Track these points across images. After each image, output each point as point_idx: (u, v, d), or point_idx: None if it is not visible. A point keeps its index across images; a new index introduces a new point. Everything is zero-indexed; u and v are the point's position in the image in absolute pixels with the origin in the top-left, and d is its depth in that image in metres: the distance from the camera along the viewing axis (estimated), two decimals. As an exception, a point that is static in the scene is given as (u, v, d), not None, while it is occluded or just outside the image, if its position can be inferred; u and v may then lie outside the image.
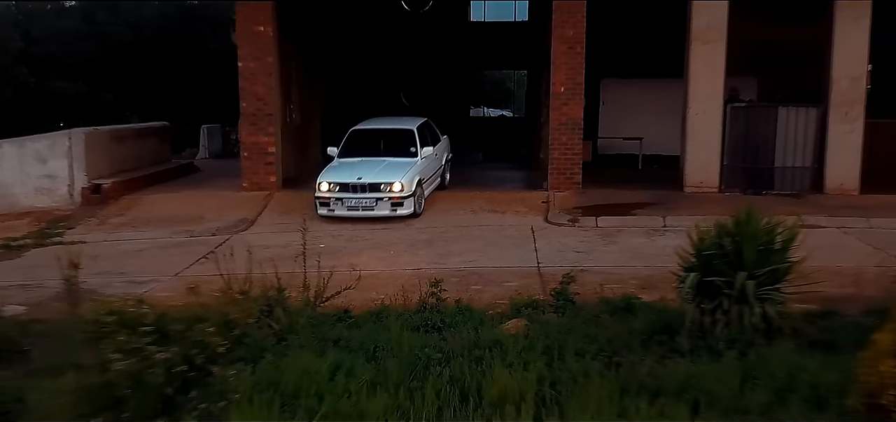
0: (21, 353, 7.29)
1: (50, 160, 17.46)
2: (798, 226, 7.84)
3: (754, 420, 5.29)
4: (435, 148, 16.75)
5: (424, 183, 15.66)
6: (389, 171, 15.17)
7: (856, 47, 16.23)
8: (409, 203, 14.85)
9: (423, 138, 16.52)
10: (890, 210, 15.31)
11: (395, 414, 5.35)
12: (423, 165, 15.88)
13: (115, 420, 4.43)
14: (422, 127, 16.98)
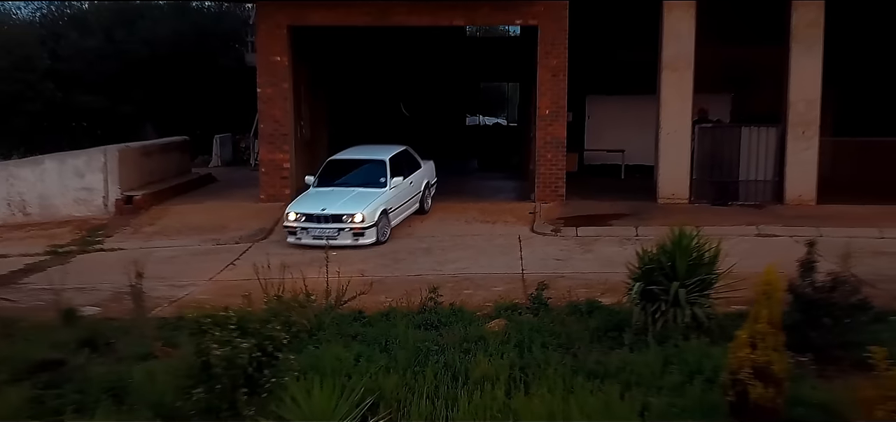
0: (107, 345, 9.18)
1: (87, 175, 19.40)
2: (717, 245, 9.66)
3: (662, 395, 7.20)
4: (410, 177, 17.51)
5: (393, 211, 16.44)
6: (354, 202, 15.92)
7: (810, 74, 18.17)
8: (371, 233, 15.62)
9: (397, 168, 17.14)
10: (841, 220, 17.23)
11: (404, 389, 7.26)
12: (392, 195, 16.54)
13: (210, 392, 6.32)
14: (396, 157, 17.59)
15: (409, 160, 18.13)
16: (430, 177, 18.85)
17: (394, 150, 18.00)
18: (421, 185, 18.11)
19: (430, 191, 18.65)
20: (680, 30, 18.12)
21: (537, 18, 18.28)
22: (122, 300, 12.24)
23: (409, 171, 17.68)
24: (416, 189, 17.86)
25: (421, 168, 18.43)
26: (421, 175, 18.27)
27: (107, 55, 29.03)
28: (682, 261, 9.22)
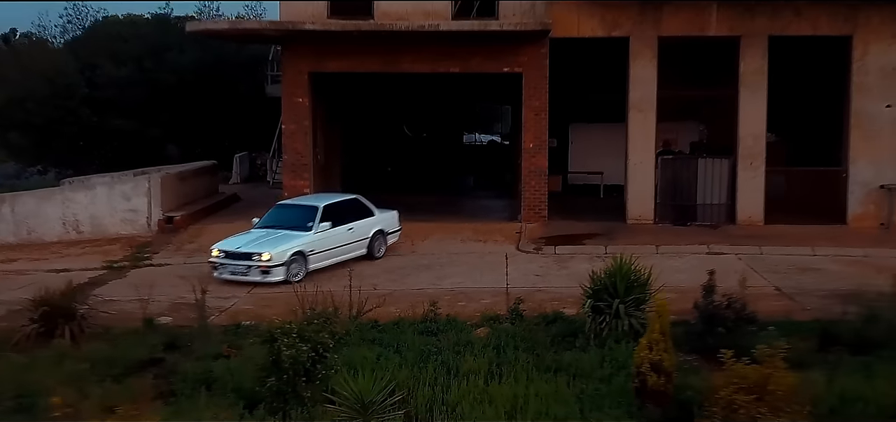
0: (186, 347, 12.12)
1: (133, 198, 22.43)
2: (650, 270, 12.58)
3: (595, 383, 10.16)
4: (353, 224, 18.67)
5: (317, 254, 17.69)
6: (269, 242, 17.45)
7: (756, 114, 21.18)
8: (279, 271, 17.02)
9: (333, 215, 18.32)
10: (782, 239, 20.23)
11: (412, 379, 10.19)
12: (316, 239, 17.81)
13: (279, 381, 9.23)
14: (335, 205, 18.88)
15: (355, 208, 19.22)
16: (386, 225, 19.61)
17: (337, 198, 19.55)
18: (368, 232, 19.04)
19: (384, 238, 19.44)
20: (644, 77, 21.13)
21: (522, 67, 21.30)
22: (180, 310, 15.27)
23: (352, 218, 18.81)
24: (359, 235, 18.83)
25: (372, 216, 19.36)
26: (370, 223, 19.18)
27: (137, 83, 31.98)
28: (621, 283, 12.16)
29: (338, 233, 18.33)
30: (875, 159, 21.29)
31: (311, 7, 21.36)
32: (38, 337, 12.09)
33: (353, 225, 18.80)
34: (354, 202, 19.53)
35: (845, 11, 21.02)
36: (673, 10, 21.07)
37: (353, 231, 18.76)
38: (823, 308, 14.15)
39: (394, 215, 20.10)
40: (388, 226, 19.75)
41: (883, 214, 21.28)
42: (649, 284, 12.49)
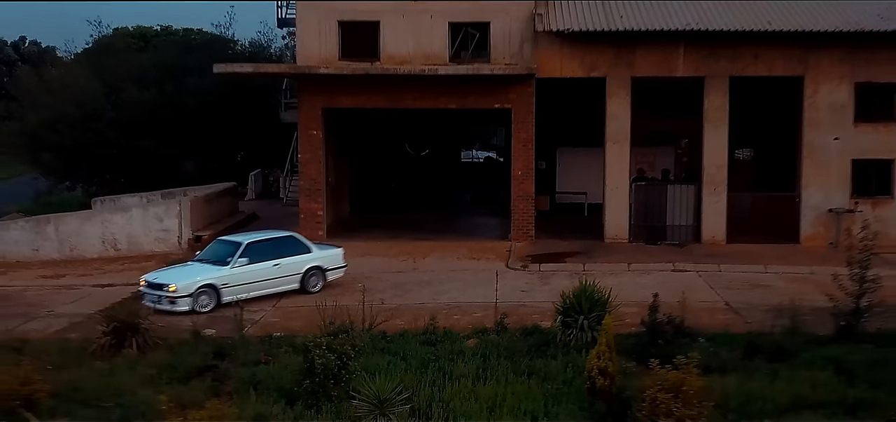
0: (230, 355, 14.82)
1: (165, 219, 25.18)
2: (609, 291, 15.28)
3: (559, 385, 12.87)
4: (281, 260, 19.81)
5: (231, 287, 18.79)
6: (181, 274, 19.07)
7: (718, 145, 23.95)
8: (184, 302, 18.42)
9: (257, 252, 19.62)
10: (740, 257, 22.97)
11: (415, 381, 12.90)
12: (232, 274, 19.06)
13: (313, 382, 11.92)
14: (263, 242, 20.14)
15: (287, 245, 20.40)
16: (325, 263, 20.61)
17: (267, 235, 20.92)
18: (300, 269, 20.12)
19: (321, 275, 20.45)
20: (619, 113, 23.90)
21: (511, 103, 24.08)
22: (217, 322, 17.96)
23: (281, 255, 19.99)
24: (287, 271, 19.93)
25: (308, 253, 20.45)
26: (303, 260, 20.25)
27: (159, 105, 34.63)
28: (585, 302, 14.88)
29: (259, 268, 19.47)
30: (824, 186, 24.05)
31: (324, 50, 24.13)
32: (110, 348, 14.79)
33: (280, 261, 19.87)
34: (287, 239, 20.75)
35: (798, 55, 23.78)
36: (644, 53, 23.82)
37: (280, 267, 19.83)
38: (760, 321, 16.81)
39: (336, 254, 21.05)
40: (327, 263, 20.66)
41: (831, 234, 24.03)
42: (609, 302, 15.19)
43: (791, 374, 12.95)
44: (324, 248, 21.33)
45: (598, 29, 23.23)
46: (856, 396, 12.13)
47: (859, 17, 23.51)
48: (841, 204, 24.00)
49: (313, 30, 24.10)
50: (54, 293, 21.67)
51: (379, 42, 24.20)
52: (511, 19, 23.91)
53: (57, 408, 11.98)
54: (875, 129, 23.92)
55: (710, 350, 13.96)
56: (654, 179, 26.01)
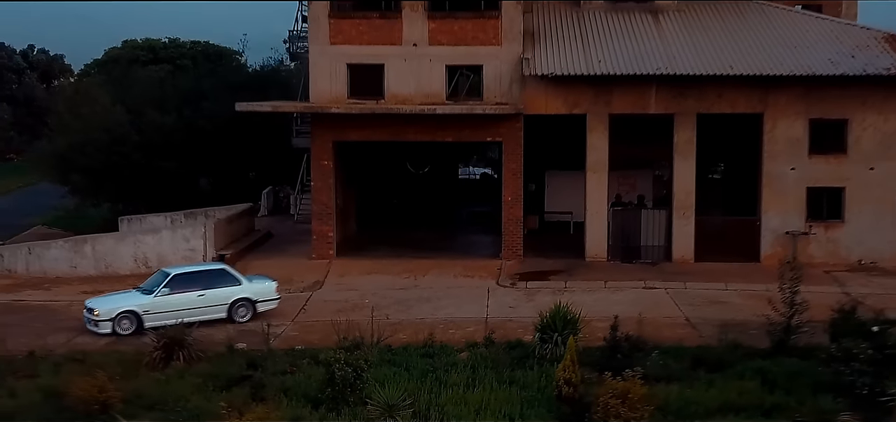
0: (262, 366, 17.63)
1: (192, 239, 28.03)
2: (580, 312, 18.12)
3: (534, 392, 15.70)
4: (207, 291, 21.56)
5: (153, 314, 20.81)
6: (108, 300, 21.53)
7: (687, 174, 26.80)
8: (106, 325, 20.68)
9: (183, 283, 21.56)
10: (705, 275, 25.76)
11: (416, 388, 15.73)
12: (154, 302, 21.12)
13: (333, 390, 14.74)
14: (186, 274, 22.06)
15: (215, 278, 22.23)
16: (255, 295, 22.25)
17: (196, 268, 23.11)
18: (226, 300, 21.82)
19: (250, 306, 22.07)
20: (598, 145, 26.78)
21: (501, 137, 26.96)
22: (245, 336, 20.77)
23: (208, 287, 21.75)
24: (213, 302, 21.63)
25: (237, 286, 22.14)
26: (229, 292, 21.94)
27: (178, 128, 37.47)
28: (559, 322, 17.74)
29: (182, 298, 21.25)
30: (782, 211, 26.89)
31: (334, 90, 27.01)
32: (161, 360, 17.63)
33: (206, 293, 21.62)
34: (217, 272, 22.67)
35: (758, 94, 26.63)
36: (620, 93, 26.68)
37: (205, 298, 21.53)
38: (712, 335, 19.68)
39: (269, 287, 22.64)
40: (258, 295, 22.30)
41: (788, 254, 26.79)
42: (579, 322, 18.05)
43: (724, 383, 15.82)
44: (257, 280, 22.94)
45: (578, 73, 26.09)
46: (773, 401, 14.99)
47: (812, 61, 26.34)
48: (797, 227, 26.84)
49: (325, 72, 26.97)
50: (97, 309, 24.51)
51: (383, 82, 27.05)
52: (501, 63, 26.77)
53: (128, 412, 14.81)
54: (827, 160, 26.75)
55: (660, 363, 16.79)
56: (630, 204, 28.84)
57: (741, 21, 29.04)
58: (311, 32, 27.29)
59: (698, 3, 29.96)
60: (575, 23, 29.11)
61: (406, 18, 26.82)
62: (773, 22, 28.83)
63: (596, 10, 29.67)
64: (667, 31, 28.40)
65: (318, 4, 26.81)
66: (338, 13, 26.97)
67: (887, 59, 26.42)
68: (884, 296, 23.61)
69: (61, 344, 20.45)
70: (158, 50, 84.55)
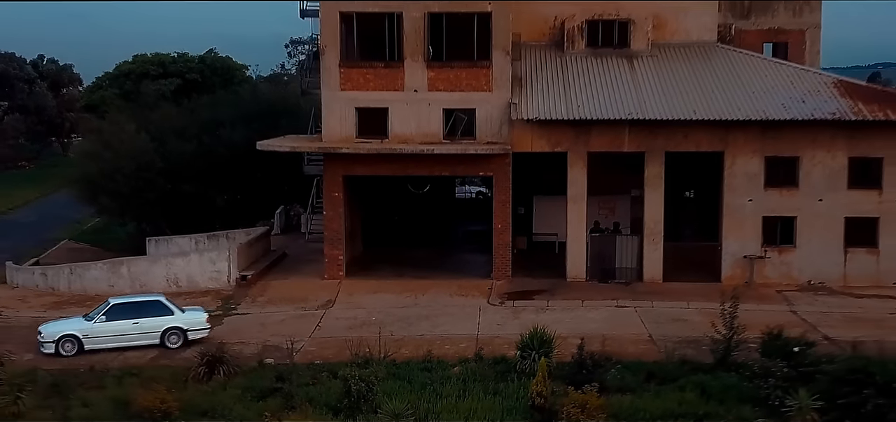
0: (289, 380, 21.09)
1: (218, 262, 31.51)
2: (554, 333, 21.60)
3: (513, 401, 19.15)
4: (141, 320, 24.22)
5: (91, 338, 23.81)
6: (54, 325, 24.51)
7: (656, 204, 30.31)
8: (49, 346, 23.67)
9: (120, 312, 24.33)
10: (671, 295, 29.21)
11: (416, 399, 19.17)
12: (92, 328, 24.02)
13: (349, 401, 18.15)
14: (123, 304, 24.77)
15: (150, 308, 24.72)
16: (187, 324, 24.69)
17: (135, 299, 25.49)
18: (158, 328, 24.36)
19: (181, 334, 24.52)
20: (578, 179, 30.30)
21: (492, 171, 30.48)
22: (270, 351, 24.21)
23: (143, 316, 24.38)
24: (146, 330, 24.23)
25: (169, 316, 24.65)
26: (162, 322, 24.47)
27: (198, 155, 40.97)
28: (536, 341, 21.20)
29: (117, 325, 24.07)
30: (740, 237, 30.38)
31: (344, 131, 30.53)
32: (205, 374, 21.09)
33: (140, 321, 24.25)
34: (153, 303, 25.01)
35: (719, 134, 30.09)
36: (598, 133, 30.16)
37: (139, 326, 24.17)
38: (669, 351, 23.16)
39: (200, 318, 25.18)
40: (190, 325, 24.75)
41: (746, 275, 30.34)
42: (554, 340, 21.51)
43: (669, 394, 19.30)
44: (190, 312, 25.29)
45: (559, 118, 29.59)
46: (706, 410, 18.47)
47: (767, 106, 29.81)
48: (754, 251, 30.33)
49: (336, 114, 30.50)
50: (137, 325, 27.97)
51: (388, 124, 30.56)
52: (492, 107, 30.28)
53: (184, 419, 18.29)
54: (780, 192, 30.24)
55: (618, 377, 20.25)
56: (606, 230, 32.34)
57: (707, 65, 32.48)
58: (323, 79, 30.77)
59: (670, 48, 33.41)
60: (559, 67, 32.58)
61: (408, 67, 30.33)
62: (735, 66, 32.28)
63: (578, 55, 33.14)
64: (640, 75, 31.87)
65: (331, 55, 30.31)
66: (347, 63, 30.50)
67: (834, 104, 29.89)
68: (827, 314, 27.40)
69: (112, 359, 23.91)
70: (168, 64, 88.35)
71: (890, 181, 29.84)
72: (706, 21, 33.77)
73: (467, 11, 30.14)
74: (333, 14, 30.23)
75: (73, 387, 20.91)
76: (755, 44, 38.08)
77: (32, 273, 34.11)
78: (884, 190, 29.90)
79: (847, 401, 17.23)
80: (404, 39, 30.24)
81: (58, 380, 21.15)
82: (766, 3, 38.02)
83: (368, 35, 30.73)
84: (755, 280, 30.23)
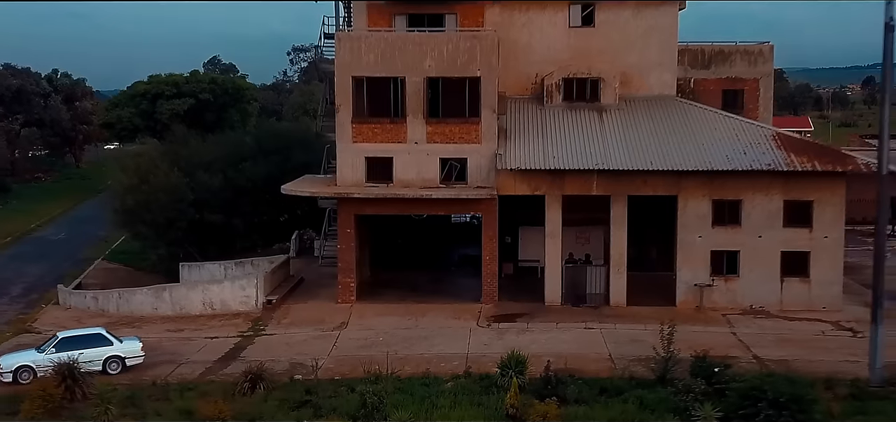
0: (315, 393, 26.42)
1: (247, 288, 36.88)
2: (527, 356, 26.97)
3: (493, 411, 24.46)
4: (85, 351, 27.70)
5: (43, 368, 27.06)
6: (12, 356, 28.69)
7: (620, 239, 35.69)
8: (7, 376, 27.72)
9: (66, 345, 28.07)
10: (632, 317, 34.53)
11: (417, 408, 24.47)
12: (43, 358, 27.72)
13: (365, 411, 23.41)
14: (70, 337, 28.83)
15: (92, 340, 28.87)
16: (124, 352, 29.02)
17: (79, 333, 29.61)
18: (100, 357, 28.50)
19: (120, 361, 28.88)
20: (554, 218, 35.68)
21: (481, 211, 35.91)
22: (297, 369, 29.49)
23: (86, 347, 28.16)
24: (90, 359, 27.80)
25: (109, 346, 28.90)
26: (103, 352, 28.69)
27: (223, 187, 46.35)
28: (513, 361, 26.50)
29: (64, 356, 27.09)
30: (692, 268, 35.75)
31: (355, 176, 35.92)
32: (249, 389, 26.40)
33: (84, 352, 27.68)
34: (95, 336, 29.23)
35: (674, 180, 35.43)
36: (571, 180, 35.52)
37: (84, 356, 27.42)
38: (625, 368, 28.51)
39: (136, 346, 29.47)
40: (126, 353, 29.10)
41: (697, 300, 35.70)
42: (527, 361, 26.80)
43: (614, 405, 24.62)
44: (128, 341, 29.61)
45: (537, 168, 34.97)
46: (641, 418, 23.79)
47: (713, 157, 35.15)
48: (703, 280, 35.69)
49: (348, 163, 35.90)
50: (183, 344, 33.27)
51: (392, 171, 35.94)
52: (481, 157, 35.65)
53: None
54: (726, 230, 35.60)
55: (576, 391, 25.56)
56: (579, 261, 37.71)
57: (666, 117, 37.79)
58: (338, 132, 36.14)
59: (635, 101, 38.77)
60: (538, 119, 37.95)
61: (409, 123, 35.73)
62: (689, 119, 37.64)
63: (555, 108, 38.51)
64: (608, 127, 37.24)
65: (344, 112, 35.71)
66: (358, 119, 35.88)
67: (770, 156, 35.24)
68: (761, 335, 32.74)
69: (167, 374, 29.23)
70: (181, 85, 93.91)
71: (819, 221, 35.17)
72: (666, 79, 39.14)
73: (460, 76, 35.52)
74: (347, 78, 35.61)
75: (144, 400, 26.23)
76: (715, 90, 43.64)
77: (84, 296, 39.47)
78: (814, 228, 35.22)
79: (745, 413, 22.53)
80: (407, 100, 35.62)
81: (132, 394, 26.45)
82: (724, 55, 43.41)
83: (376, 95, 36.04)
84: (704, 305, 35.60)
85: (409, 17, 38.54)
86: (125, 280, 47.83)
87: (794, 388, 22.95)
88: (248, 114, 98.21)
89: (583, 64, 38.80)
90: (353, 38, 36.08)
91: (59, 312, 39.32)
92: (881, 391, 25.79)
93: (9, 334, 35.66)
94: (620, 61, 38.87)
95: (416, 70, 35.55)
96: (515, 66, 38.86)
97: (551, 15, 38.91)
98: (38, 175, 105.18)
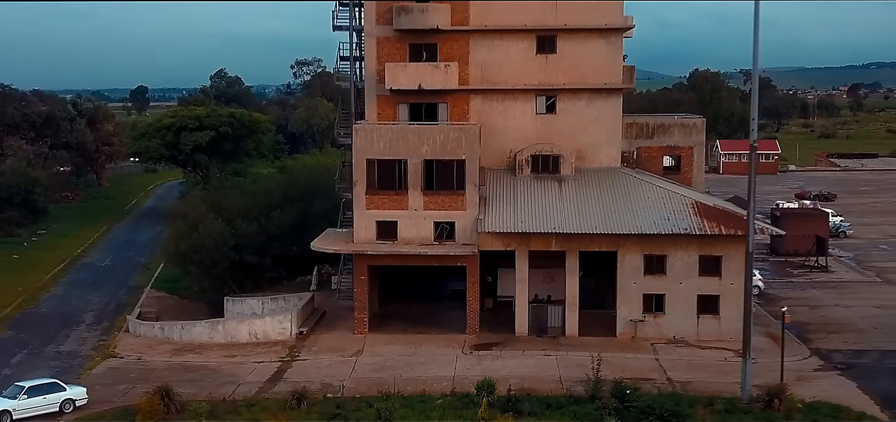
0: (343, 408, 36.76)
1: (284, 321, 47.27)
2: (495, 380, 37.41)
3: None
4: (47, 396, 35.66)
5: (18, 410, 34.56)
6: None
7: (573, 285, 46.12)
8: None
9: (34, 392, 35.53)
10: (581, 346, 44.76)
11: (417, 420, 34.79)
12: (17, 404, 34.81)
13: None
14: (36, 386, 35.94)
15: (51, 388, 36.28)
16: (75, 396, 36.55)
17: (40, 382, 36.63)
18: (58, 401, 35.98)
19: (72, 402, 36.29)
20: (521, 267, 46.16)
21: (465, 263, 46.34)
22: (328, 389, 39.80)
23: (47, 393, 35.84)
24: (50, 402, 35.71)
25: (63, 392, 36.33)
26: (59, 397, 36.10)
27: (257, 232, 56.78)
28: (485, 384, 36.85)
29: (34, 401, 35.37)
30: (629, 306, 46.16)
31: (367, 235, 46.34)
32: (296, 405, 36.69)
33: (47, 397, 35.82)
34: (53, 384, 36.64)
35: (615, 240, 45.79)
36: (535, 238, 45.89)
37: (46, 400, 35.72)
38: (569, 389, 38.90)
39: (82, 391, 37.10)
40: (77, 396, 36.69)
41: (632, 333, 46.12)
42: (495, 384, 37.15)
43: (555, 417, 34.98)
44: (74, 388, 37.13)
45: (509, 231, 45.42)
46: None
47: (644, 222, 45.48)
48: (637, 317, 46.13)
49: (363, 226, 46.31)
50: (237, 367, 43.57)
51: (397, 230, 46.35)
52: (466, 220, 46.04)
53: (293, 433, 34.01)
54: (654, 277, 45.98)
55: (529, 407, 35.87)
56: (543, 300, 48.15)
57: (610, 186, 48.07)
58: (354, 201, 46.55)
59: (588, 172, 49.16)
60: (511, 188, 48.29)
61: (410, 195, 46.13)
62: (628, 188, 47.99)
63: (524, 178, 48.89)
64: (565, 195, 47.62)
65: (360, 186, 46.12)
66: (371, 191, 46.25)
67: (688, 222, 45.60)
68: (677, 361, 43.04)
69: (231, 393, 39.55)
70: (202, 118, 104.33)
71: (726, 270, 45.49)
72: (613, 154, 49.62)
73: (450, 158, 45.90)
74: (362, 159, 46.06)
75: (221, 414, 36.53)
76: (658, 156, 53.91)
77: (152, 326, 49.77)
78: (723, 277, 45.60)
79: (640, 424, 33.03)
80: (408, 176, 46.01)
81: (212, 408, 36.82)
82: (664, 127, 53.81)
83: (384, 173, 46.37)
84: (638, 336, 46.05)
85: (410, 106, 49.06)
86: (174, 308, 58.23)
87: (677, 405, 33.42)
88: (262, 143, 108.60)
89: (547, 142, 49.22)
90: (367, 130, 46.45)
91: (131, 339, 49.56)
92: (747, 407, 36.15)
93: (98, 359, 45.94)
94: (576, 140, 49.29)
95: (416, 154, 45.91)
96: (494, 143, 49.24)
97: (522, 104, 49.39)
98: (65, 194, 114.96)
